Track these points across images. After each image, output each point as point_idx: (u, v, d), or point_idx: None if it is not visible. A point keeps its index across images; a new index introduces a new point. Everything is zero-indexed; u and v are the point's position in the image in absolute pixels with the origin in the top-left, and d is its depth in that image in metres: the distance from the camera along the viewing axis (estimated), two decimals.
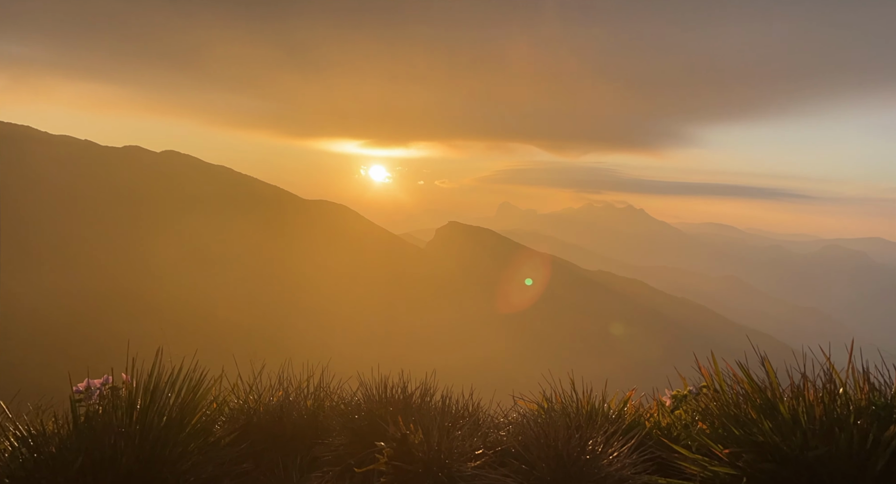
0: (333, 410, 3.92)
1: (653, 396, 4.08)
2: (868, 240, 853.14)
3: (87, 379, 3.30)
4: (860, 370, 2.95)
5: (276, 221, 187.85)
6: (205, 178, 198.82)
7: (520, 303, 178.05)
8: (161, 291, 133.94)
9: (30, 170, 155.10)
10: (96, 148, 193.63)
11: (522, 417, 3.88)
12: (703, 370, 3.58)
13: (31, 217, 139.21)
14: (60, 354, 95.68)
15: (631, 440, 3.16)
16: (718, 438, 3.04)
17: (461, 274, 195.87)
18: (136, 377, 3.31)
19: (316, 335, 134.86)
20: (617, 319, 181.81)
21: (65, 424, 3.11)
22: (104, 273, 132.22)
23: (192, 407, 3.35)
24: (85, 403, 3.21)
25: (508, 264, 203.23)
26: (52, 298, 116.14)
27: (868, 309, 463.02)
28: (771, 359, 3.20)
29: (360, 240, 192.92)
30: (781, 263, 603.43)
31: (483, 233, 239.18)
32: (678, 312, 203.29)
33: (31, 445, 2.97)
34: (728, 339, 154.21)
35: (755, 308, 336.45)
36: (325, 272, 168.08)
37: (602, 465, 2.99)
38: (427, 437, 3.19)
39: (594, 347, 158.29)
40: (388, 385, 3.91)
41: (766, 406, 2.96)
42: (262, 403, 3.91)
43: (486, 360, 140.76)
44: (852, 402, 2.87)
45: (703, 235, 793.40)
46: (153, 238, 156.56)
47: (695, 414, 3.62)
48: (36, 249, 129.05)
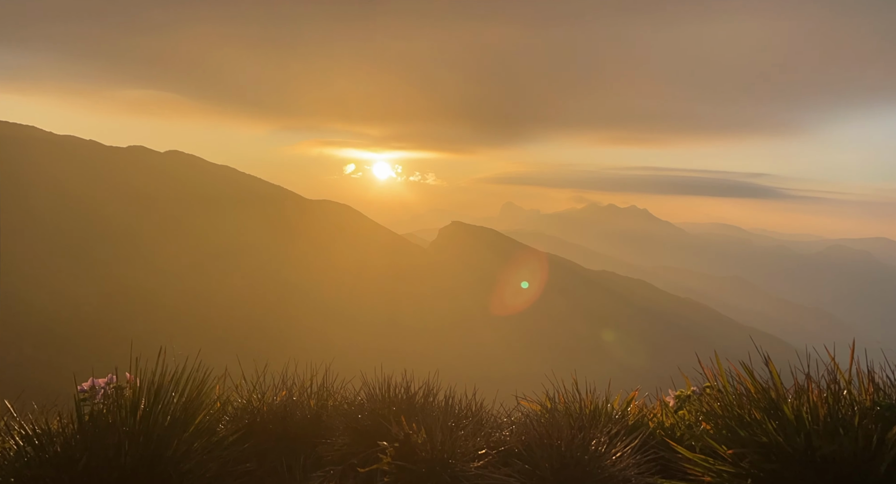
0: (337, 409, 3.93)
1: (656, 397, 4.08)
2: (873, 240, 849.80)
3: (92, 378, 3.31)
4: (864, 370, 2.95)
5: (279, 221, 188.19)
6: (209, 178, 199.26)
7: (522, 303, 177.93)
8: (164, 290, 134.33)
9: (34, 170, 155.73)
10: (101, 148, 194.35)
11: (525, 416, 3.88)
12: (707, 370, 3.57)
13: (36, 217, 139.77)
14: (65, 354, 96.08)
15: (634, 441, 3.16)
16: (722, 439, 3.03)
17: (464, 274, 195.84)
18: (140, 376, 3.32)
19: (319, 335, 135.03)
20: (620, 319, 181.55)
21: (69, 423, 3.12)
22: (109, 273, 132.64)
23: (196, 406, 3.36)
24: (89, 402, 3.23)
25: (512, 264, 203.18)
26: (57, 298, 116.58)
27: (872, 309, 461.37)
28: (775, 359, 3.19)
29: (363, 240, 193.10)
30: (786, 264, 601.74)
31: (486, 233, 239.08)
32: (682, 313, 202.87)
33: (37, 444, 2.99)
34: (732, 339, 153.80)
35: (759, 308, 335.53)
36: (328, 272, 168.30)
37: (605, 465, 2.99)
38: (430, 436, 3.19)
39: (597, 347, 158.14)
40: (392, 385, 3.91)
41: (769, 407, 2.95)
42: (266, 403, 3.92)
43: (489, 360, 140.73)
44: (856, 402, 2.87)
45: (707, 235, 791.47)
46: (157, 238, 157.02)
47: (698, 414, 3.62)
48: (40, 249, 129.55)
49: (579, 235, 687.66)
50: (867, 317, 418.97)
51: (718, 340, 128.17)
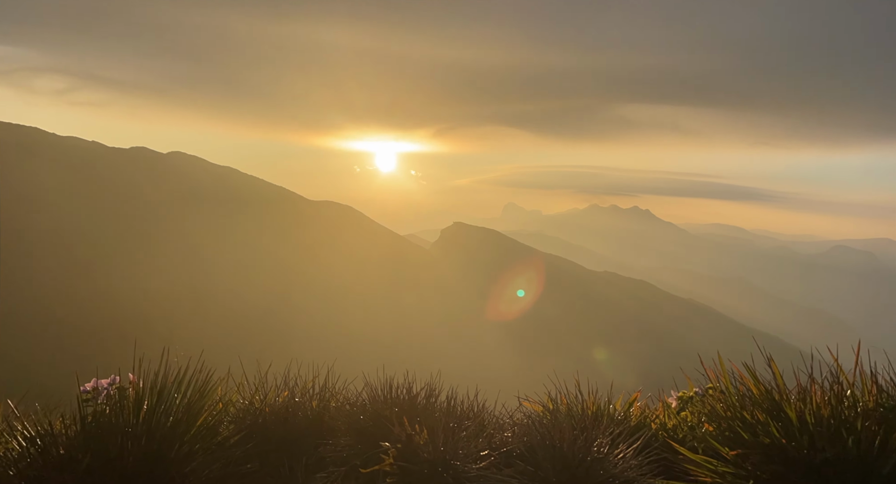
0: (339, 410, 3.93)
1: (658, 398, 4.07)
2: (875, 241, 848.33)
3: (95, 379, 3.32)
4: (868, 372, 2.94)
5: (281, 222, 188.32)
6: (211, 179, 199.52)
7: (524, 304, 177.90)
8: (167, 291, 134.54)
9: (37, 171, 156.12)
10: (103, 149, 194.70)
11: (528, 418, 3.88)
12: (709, 371, 3.57)
13: (38, 218, 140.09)
14: (67, 355, 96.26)
15: (637, 442, 3.16)
16: (725, 440, 3.03)
17: (466, 275, 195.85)
18: (143, 377, 3.33)
19: (321, 336, 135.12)
20: (622, 320, 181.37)
21: (72, 423, 3.13)
22: (111, 273, 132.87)
23: (199, 407, 3.37)
24: (92, 403, 3.23)
25: (513, 265, 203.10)
26: (59, 298, 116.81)
27: (875, 310, 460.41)
28: (777, 360, 3.19)
29: (365, 241, 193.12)
30: (788, 264, 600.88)
31: (488, 234, 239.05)
32: (684, 313, 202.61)
33: (39, 445, 3.00)
34: (734, 340, 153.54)
35: (761, 309, 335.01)
36: (330, 274, 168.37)
37: (607, 466, 2.99)
38: (432, 437, 3.19)
39: (599, 348, 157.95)
40: (394, 386, 3.91)
41: (772, 408, 2.95)
42: (268, 404, 3.92)
43: (491, 360, 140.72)
44: (860, 403, 2.86)
45: (710, 236, 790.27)
46: (159, 239, 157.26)
47: (701, 416, 3.61)
48: (43, 250, 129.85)
49: (582, 236, 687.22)
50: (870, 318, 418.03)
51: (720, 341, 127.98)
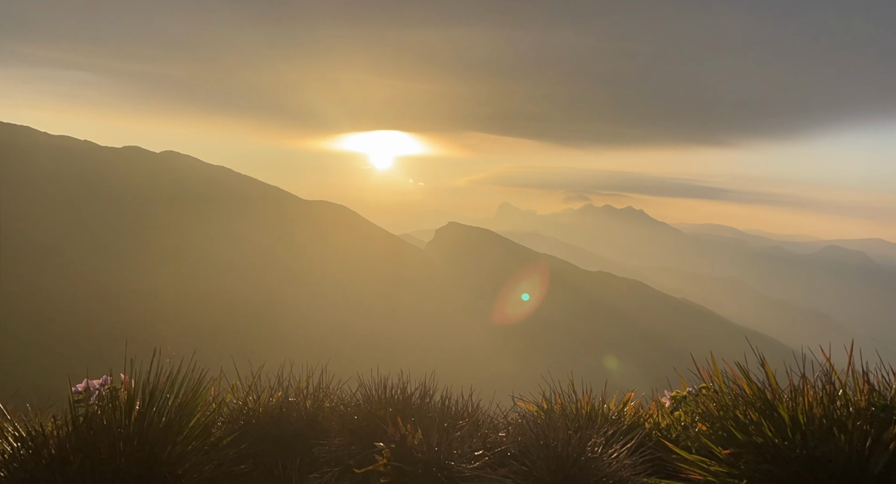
0: (333, 410, 3.92)
1: (652, 397, 4.08)
2: (868, 241, 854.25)
3: (87, 379, 3.29)
4: (860, 371, 2.96)
5: (275, 222, 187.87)
6: (204, 179, 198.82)
7: (519, 304, 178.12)
8: (159, 291, 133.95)
9: (28, 170, 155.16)
10: (96, 148, 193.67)
11: (522, 417, 3.88)
12: (703, 371, 3.58)
13: (30, 217, 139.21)
14: (59, 355, 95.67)
15: (630, 442, 3.16)
16: (718, 440, 3.04)
17: (460, 275, 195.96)
18: (135, 378, 3.31)
19: (315, 336, 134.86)
20: (616, 320, 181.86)
21: (64, 424, 3.10)
22: (103, 273, 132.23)
23: (191, 408, 3.35)
24: (84, 403, 3.21)
25: (508, 265, 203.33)
26: (51, 298, 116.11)
27: (868, 310, 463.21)
28: (770, 360, 3.20)
29: (359, 241, 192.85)
30: (781, 265, 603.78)
31: (483, 234, 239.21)
32: (677, 313, 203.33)
33: (31, 446, 2.97)
34: (727, 340, 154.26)
35: (755, 309, 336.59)
36: (324, 273, 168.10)
37: (601, 466, 3.00)
38: (426, 437, 3.19)
39: (593, 348, 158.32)
40: (388, 386, 3.91)
41: (765, 407, 2.96)
42: (262, 404, 3.91)
43: (486, 360, 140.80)
44: (852, 403, 2.88)
45: (703, 236, 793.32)
46: (151, 238, 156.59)
47: (694, 415, 3.62)
48: (35, 250, 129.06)
49: (576, 236, 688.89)
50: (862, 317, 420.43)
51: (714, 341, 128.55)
